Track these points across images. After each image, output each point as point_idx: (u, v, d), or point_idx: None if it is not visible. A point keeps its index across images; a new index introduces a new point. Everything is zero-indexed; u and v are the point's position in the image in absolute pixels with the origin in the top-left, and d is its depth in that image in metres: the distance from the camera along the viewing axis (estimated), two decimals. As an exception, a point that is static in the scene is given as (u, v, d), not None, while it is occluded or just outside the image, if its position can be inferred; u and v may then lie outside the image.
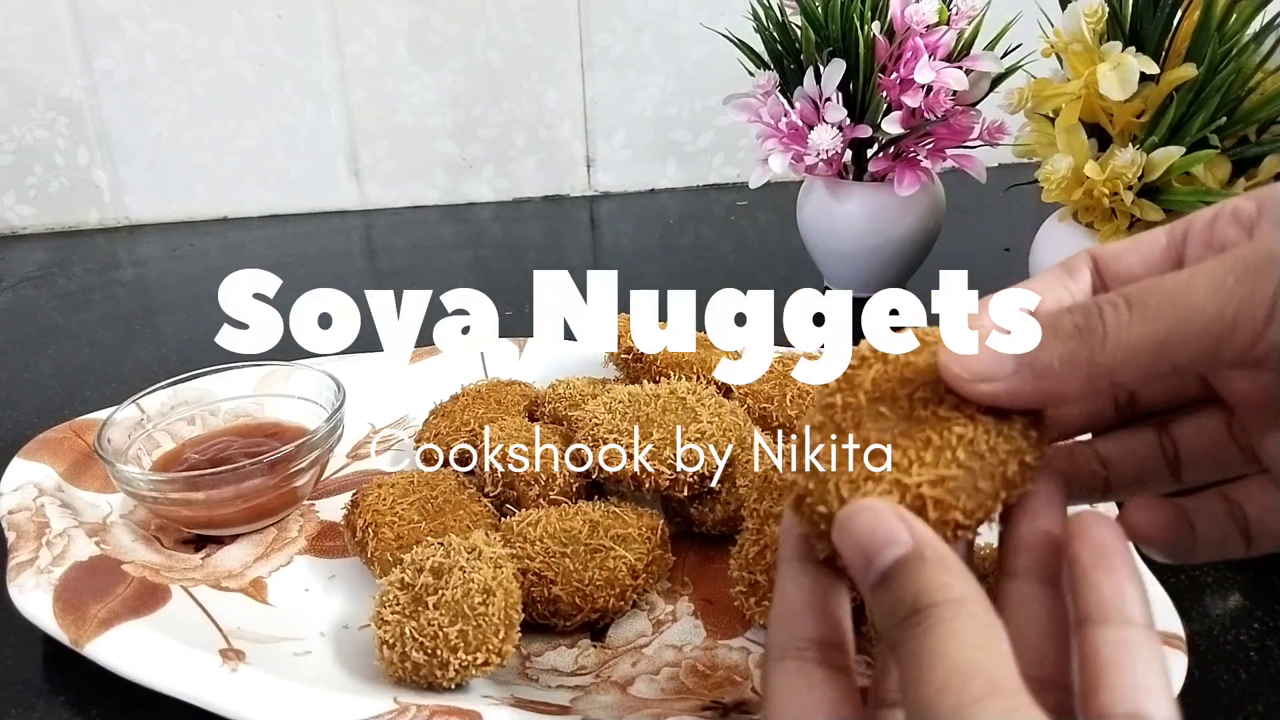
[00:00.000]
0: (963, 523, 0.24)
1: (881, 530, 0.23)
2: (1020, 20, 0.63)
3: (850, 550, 0.23)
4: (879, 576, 0.23)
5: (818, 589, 0.26)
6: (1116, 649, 0.23)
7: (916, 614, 0.22)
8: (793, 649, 0.25)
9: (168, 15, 0.90)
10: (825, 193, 0.69)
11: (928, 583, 0.22)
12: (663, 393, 0.45)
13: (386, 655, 0.35)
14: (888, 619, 0.22)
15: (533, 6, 0.94)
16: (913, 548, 0.23)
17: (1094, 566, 0.24)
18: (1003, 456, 0.24)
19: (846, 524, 0.24)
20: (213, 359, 0.55)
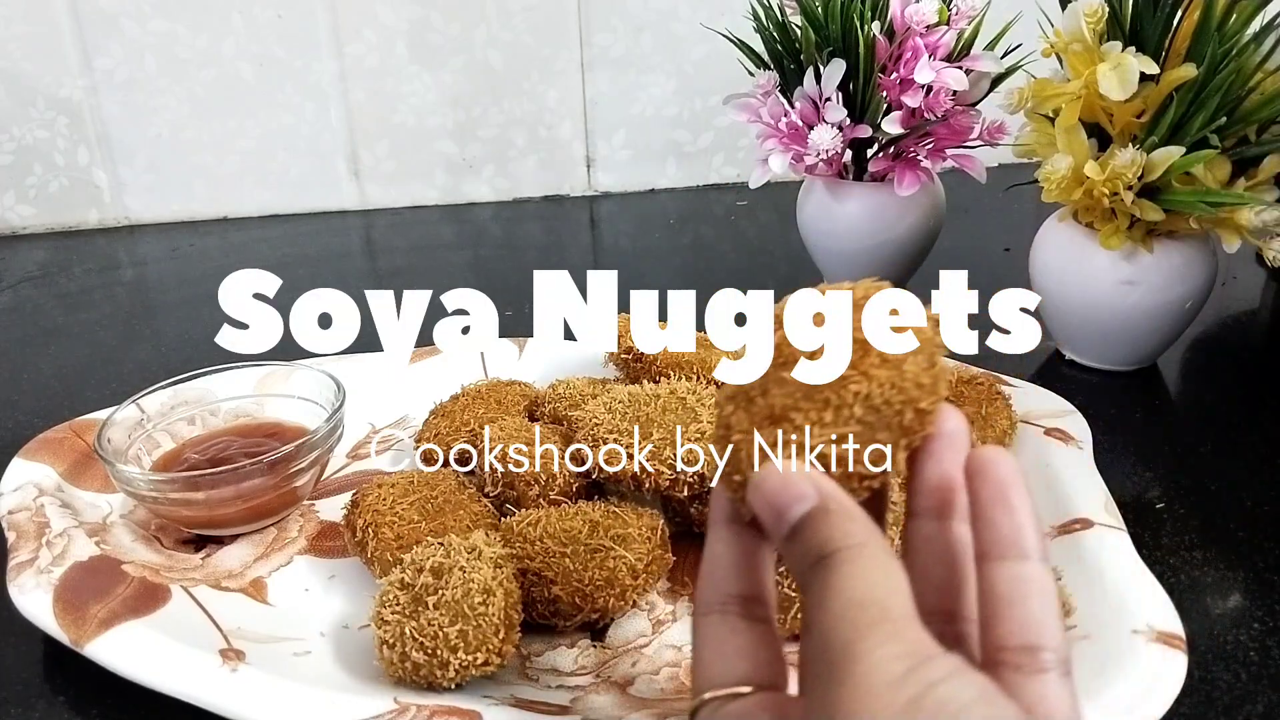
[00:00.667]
0: (866, 473, 0.26)
1: (790, 489, 0.25)
2: (1020, 20, 0.63)
3: (764, 509, 0.25)
4: (790, 530, 0.25)
5: (742, 548, 0.28)
6: (1012, 584, 0.25)
7: (822, 559, 0.23)
8: (717, 603, 0.27)
9: (168, 15, 0.90)
10: (825, 193, 0.69)
11: (832, 530, 0.24)
12: (663, 393, 0.45)
13: (386, 655, 0.35)
14: (798, 566, 0.24)
15: (533, 6, 0.94)
16: (818, 502, 0.25)
17: (992, 504, 0.25)
18: (898, 407, 0.26)
19: (759, 485, 0.26)
20: (213, 359, 0.55)
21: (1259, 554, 0.43)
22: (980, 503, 0.26)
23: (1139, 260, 0.55)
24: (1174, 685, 0.32)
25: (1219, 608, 0.40)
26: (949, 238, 0.73)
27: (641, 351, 0.50)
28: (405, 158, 0.99)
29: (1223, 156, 0.51)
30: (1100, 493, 0.42)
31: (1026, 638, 0.24)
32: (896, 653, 0.21)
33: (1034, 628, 0.24)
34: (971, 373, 0.52)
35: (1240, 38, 0.49)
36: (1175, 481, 0.49)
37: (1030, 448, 0.47)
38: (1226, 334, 0.67)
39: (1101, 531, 0.40)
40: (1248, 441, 0.53)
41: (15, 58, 0.89)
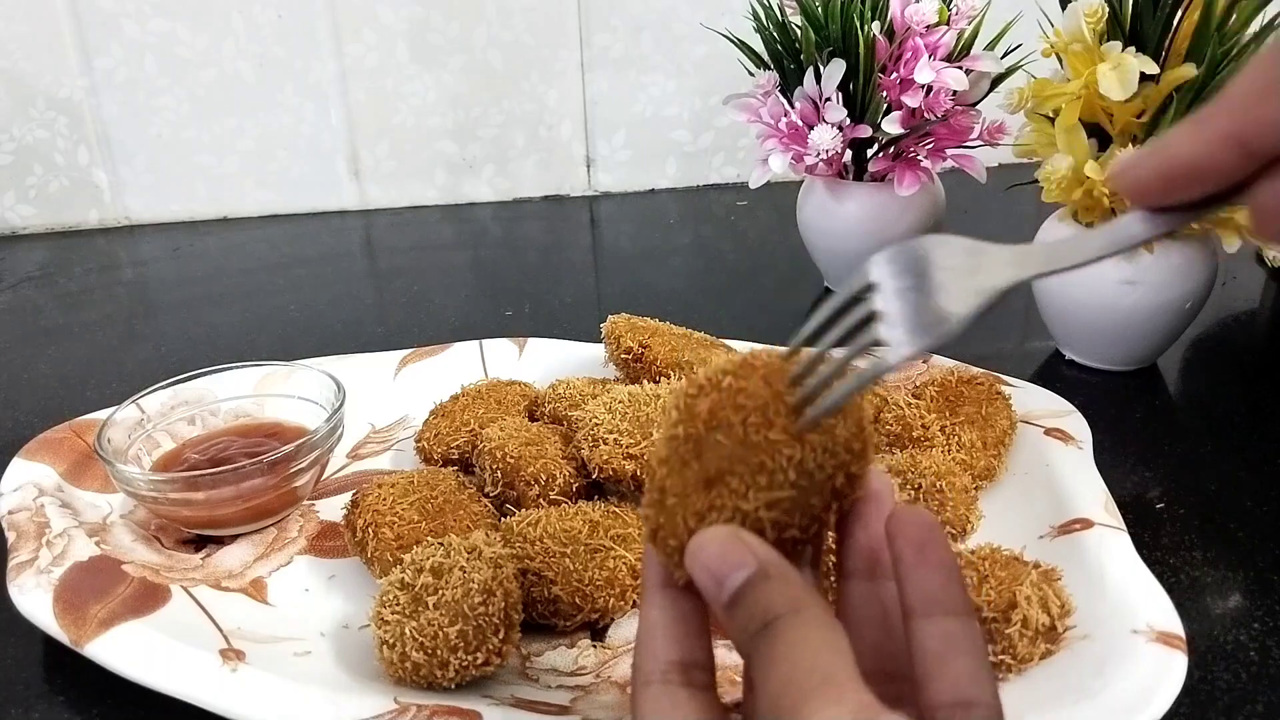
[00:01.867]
0: (800, 537, 0.26)
1: (729, 556, 0.25)
2: (1020, 20, 0.63)
3: (702, 576, 0.25)
4: (730, 597, 0.25)
5: (677, 613, 0.27)
6: (941, 641, 0.25)
7: (765, 627, 0.23)
8: (657, 672, 0.26)
9: (168, 15, 0.90)
10: (825, 193, 0.69)
11: (773, 597, 0.24)
12: (663, 393, 0.45)
13: (386, 655, 0.35)
14: (741, 634, 0.24)
15: (533, 6, 0.94)
16: (757, 569, 0.25)
17: (915, 563, 0.26)
18: (829, 471, 0.26)
19: (697, 553, 0.25)
20: (213, 359, 0.55)
21: (1259, 554, 0.43)
22: (902, 562, 0.26)
23: (1139, 260, 0.55)
24: (1174, 685, 0.32)
25: (1219, 608, 0.40)
26: (949, 238, 0.73)
27: (641, 351, 0.50)
28: (405, 158, 0.99)
29: (1223, 156, 0.51)
30: (1100, 493, 0.42)
31: (959, 693, 0.24)
32: (843, 712, 0.21)
33: (966, 682, 0.24)
34: (971, 373, 0.52)
35: (1240, 38, 0.49)
36: (1175, 481, 0.49)
37: (1030, 448, 0.47)
38: (1226, 334, 0.67)
39: (1101, 531, 0.40)
40: (1248, 441, 0.53)
41: (15, 58, 0.89)
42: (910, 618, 0.26)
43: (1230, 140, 0.23)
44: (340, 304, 0.77)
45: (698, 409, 0.27)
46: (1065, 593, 0.36)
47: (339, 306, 0.77)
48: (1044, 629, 0.35)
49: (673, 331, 0.53)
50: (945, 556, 0.26)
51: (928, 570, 0.26)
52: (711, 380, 0.28)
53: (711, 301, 0.75)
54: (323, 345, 0.68)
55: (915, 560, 0.26)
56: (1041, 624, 0.34)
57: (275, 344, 0.69)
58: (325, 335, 0.71)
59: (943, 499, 0.42)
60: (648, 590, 0.28)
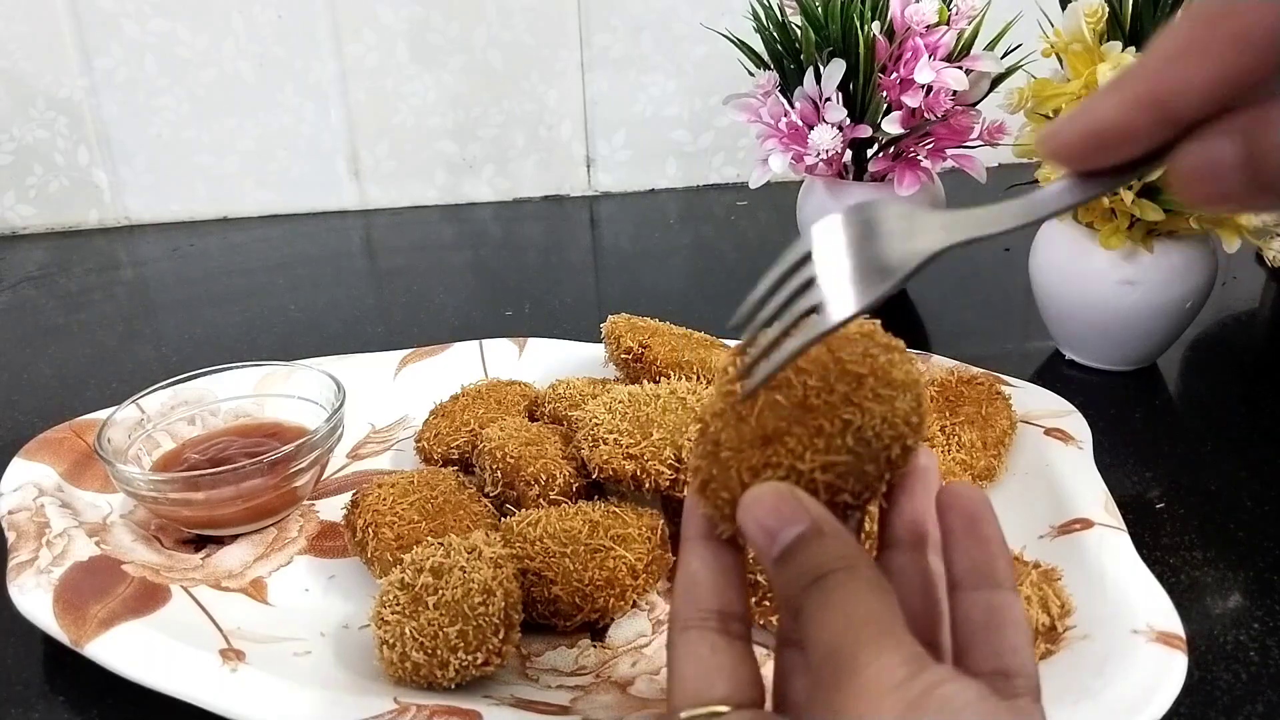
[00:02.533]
0: (852, 502, 0.27)
1: (783, 511, 0.25)
2: (1020, 20, 0.63)
3: (754, 529, 0.26)
4: (781, 551, 0.25)
5: (719, 565, 0.28)
6: (986, 612, 0.26)
7: (817, 581, 0.24)
8: (696, 619, 0.27)
9: (168, 15, 0.90)
10: (825, 193, 0.69)
11: (826, 553, 0.24)
12: (663, 393, 0.45)
13: (386, 655, 0.35)
14: (790, 587, 0.25)
15: (533, 6, 0.94)
16: (811, 525, 0.25)
17: (965, 535, 0.27)
18: (887, 442, 0.26)
19: (751, 505, 0.26)
20: (213, 359, 0.55)
21: (1259, 554, 0.43)
22: (953, 534, 0.27)
23: (1139, 260, 0.55)
24: (1174, 685, 0.32)
25: (1219, 608, 0.40)
26: (949, 238, 0.73)
27: (641, 351, 0.50)
28: (405, 158, 0.99)
29: (1223, 156, 0.51)
30: (1100, 493, 0.42)
31: (1000, 663, 0.25)
32: (898, 660, 0.22)
33: (1007, 654, 0.25)
34: (971, 373, 0.52)
35: (1240, 38, 0.49)
36: (1175, 481, 0.49)
37: (1030, 448, 0.47)
38: (1226, 334, 0.67)
39: (1101, 531, 0.40)
40: (1248, 441, 0.53)
41: (15, 58, 0.89)
42: (956, 589, 0.26)
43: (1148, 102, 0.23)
44: (340, 304, 0.77)
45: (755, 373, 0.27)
46: (1065, 593, 0.36)
47: (339, 306, 0.77)
48: (1044, 629, 0.35)
49: (673, 331, 0.53)
50: (994, 532, 0.27)
51: (977, 543, 0.26)
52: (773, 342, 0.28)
53: (711, 301, 0.75)
54: (323, 345, 0.68)
55: (965, 533, 0.27)
56: (1041, 624, 0.34)
57: (275, 344, 0.69)
58: (325, 335, 0.71)
59: (943, 499, 0.42)
60: (688, 542, 0.28)
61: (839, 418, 0.26)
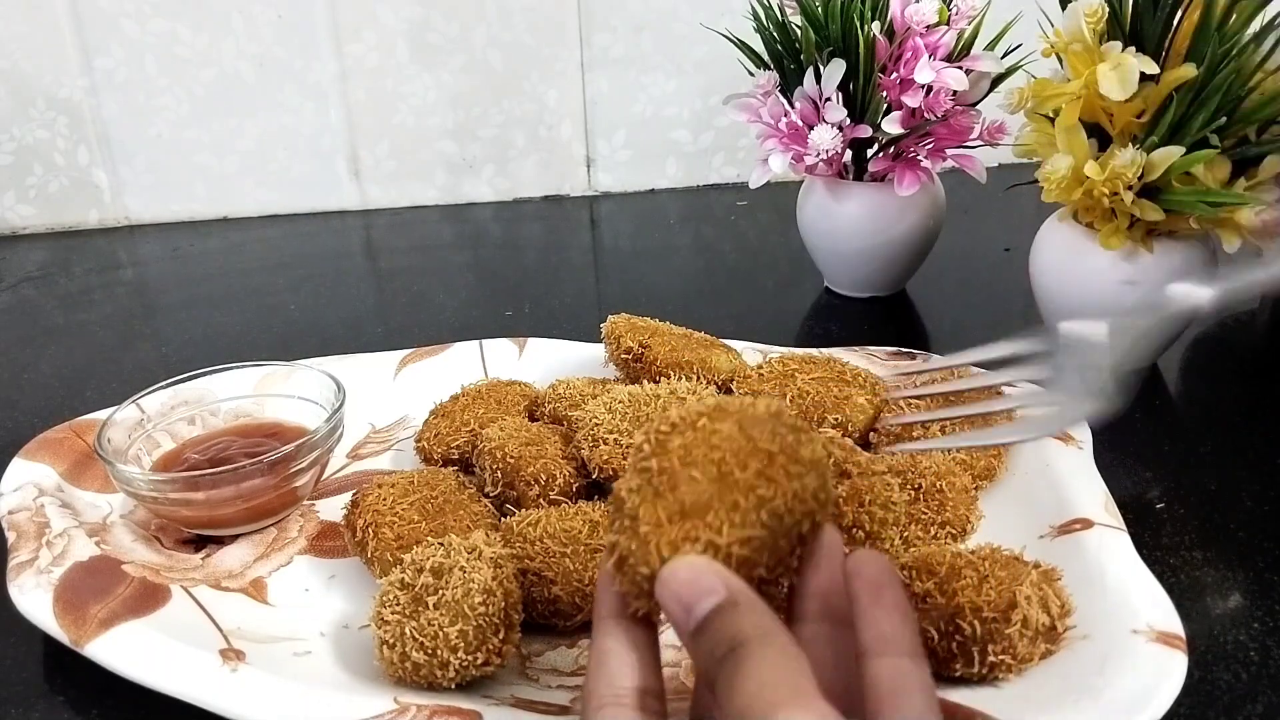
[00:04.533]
0: (766, 576, 0.28)
1: (701, 583, 0.26)
2: (1020, 20, 0.63)
3: (671, 602, 0.26)
4: (698, 624, 0.25)
5: (633, 642, 0.28)
6: (894, 678, 0.26)
7: (732, 650, 0.24)
8: (610, 696, 0.27)
9: (168, 15, 0.90)
10: (825, 193, 0.69)
11: (741, 623, 0.25)
12: (663, 393, 0.45)
13: (386, 655, 0.35)
14: (707, 659, 0.25)
15: (533, 6, 0.94)
16: (727, 596, 0.25)
17: (871, 603, 0.27)
18: (798, 517, 0.28)
19: (668, 579, 0.26)
20: (213, 359, 0.55)
21: (1259, 554, 0.43)
22: (859, 602, 0.27)
23: (1139, 260, 0.55)
24: (1174, 685, 0.32)
25: (1219, 608, 0.40)
26: (949, 238, 0.73)
27: (641, 351, 0.50)
28: (405, 158, 0.99)
29: (1223, 156, 0.51)
30: (1100, 493, 0.42)
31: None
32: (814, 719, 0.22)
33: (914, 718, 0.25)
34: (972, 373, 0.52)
35: (1240, 38, 0.49)
36: (1175, 481, 0.49)
37: (1030, 448, 0.47)
38: (1226, 334, 0.67)
39: (1101, 531, 0.40)
40: (1248, 441, 0.53)
41: (15, 58, 0.89)
42: (865, 656, 0.26)
43: None
44: (340, 304, 0.77)
45: (671, 445, 0.28)
46: (1065, 593, 0.36)
47: (339, 306, 0.77)
48: (1044, 629, 0.35)
49: (673, 331, 0.53)
50: (899, 599, 0.27)
51: (883, 611, 0.27)
52: (686, 419, 0.29)
53: (711, 301, 0.75)
54: (323, 345, 0.68)
55: (871, 601, 0.27)
56: (1041, 624, 0.34)
57: (275, 344, 0.69)
58: (325, 335, 0.71)
59: (943, 499, 0.42)
60: (601, 621, 0.28)
61: (754, 493, 0.27)
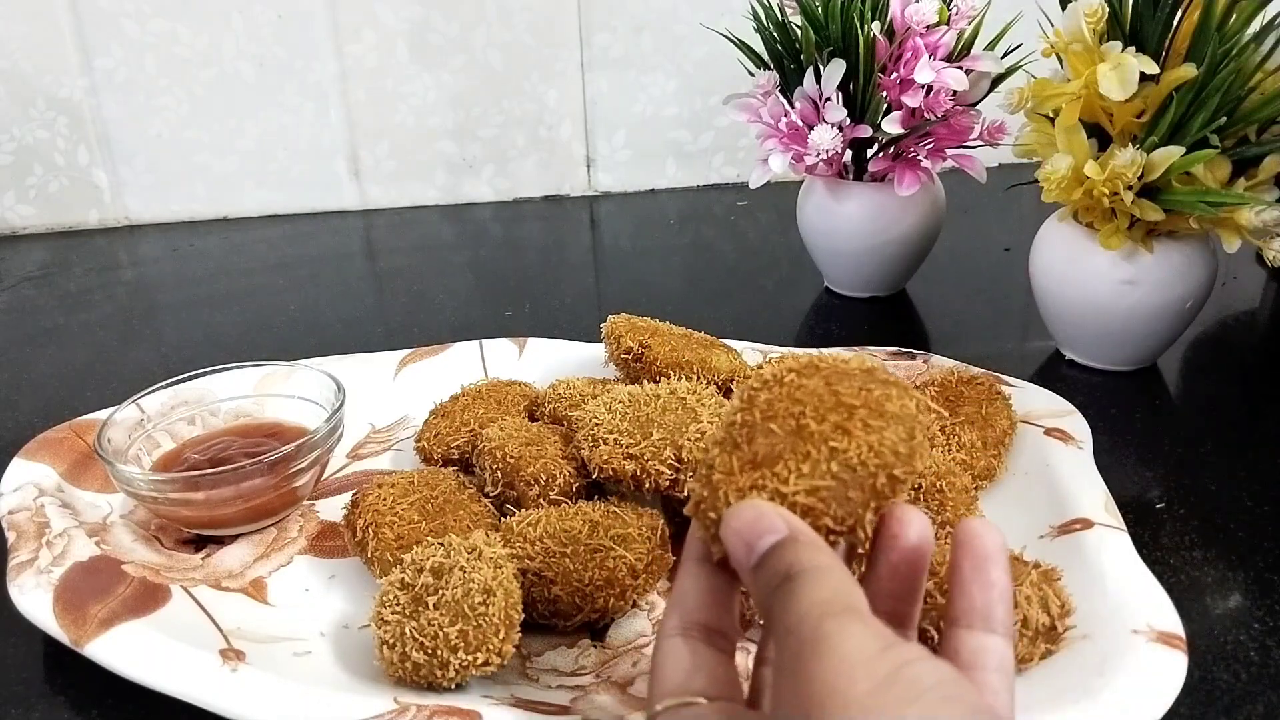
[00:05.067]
0: (833, 528, 0.27)
1: (762, 522, 0.26)
2: (1020, 20, 0.63)
3: (734, 541, 0.27)
4: (758, 559, 0.26)
5: (709, 585, 0.29)
6: (975, 652, 0.26)
7: (788, 579, 0.24)
8: (680, 628, 0.28)
9: (168, 15, 0.90)
10: (825, 193, 0.69)
11: (799, 554, 0.25)
12: (663, 393, 0.45)
13: (386, 655, 0.35)
14: (764, 592, 0.25)
15: (533, 6, 0.94)
16: (787, 534, 0.26)
17: (972, 576, 0.27)
18: (872, 470, 0.27)
19: (730, 519, 0.27)
20: (213, 359, 0.55)
21: (1259, 554, 0.43)
22: (959, 572, 0.27)
23: (1139, 260, 0.55)
24: (1174, 685, 0.32)
25: (1219, 608, 0.40)
26: (949, 238, 0.73)
27: (641, 351, 0.50)
28: (405, 158, 0.99)
29: (1223, 156, 0.51)
30: (1100, 493, 0.42)
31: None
32: (868, 635, 0.22)
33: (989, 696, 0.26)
34: (972, 373, 0.52)
35: (1240, 38, 0.49)
36: (1175, 481, 0.49)
37: (1030, 448, 0.47)
38: (1226, 334, 0.67)
39: (1101, 531, 0.40)
40: (1248, 441, 0.53)
41: (15, 58, 0.89)
42: (950, 625, 0.27)
43: None
44: (340, 304, 0.77)
45: (758, 400, 0.29)
46: (1065, 593, 0.36)
47: (339, 306, 0.77)
48: (1044, 629, 0.35)
49: (673, 331, 0.53)
50: (1000, 578, 0.27)
51: (981, 587, 0.27)
52: (775, 376, 0.29)
53: (711, 301, 0.75)
54: (323, 345, 0.68)
55: (972, 574, 0.27)
56: (1041, 624, 0.34)
57: (275, 344, 0.69)
58: (325, 335, 0.71)
59: (943, 499, 0.42)
60: (684, 563, 0.29)
61: (826, 445, 0.27)
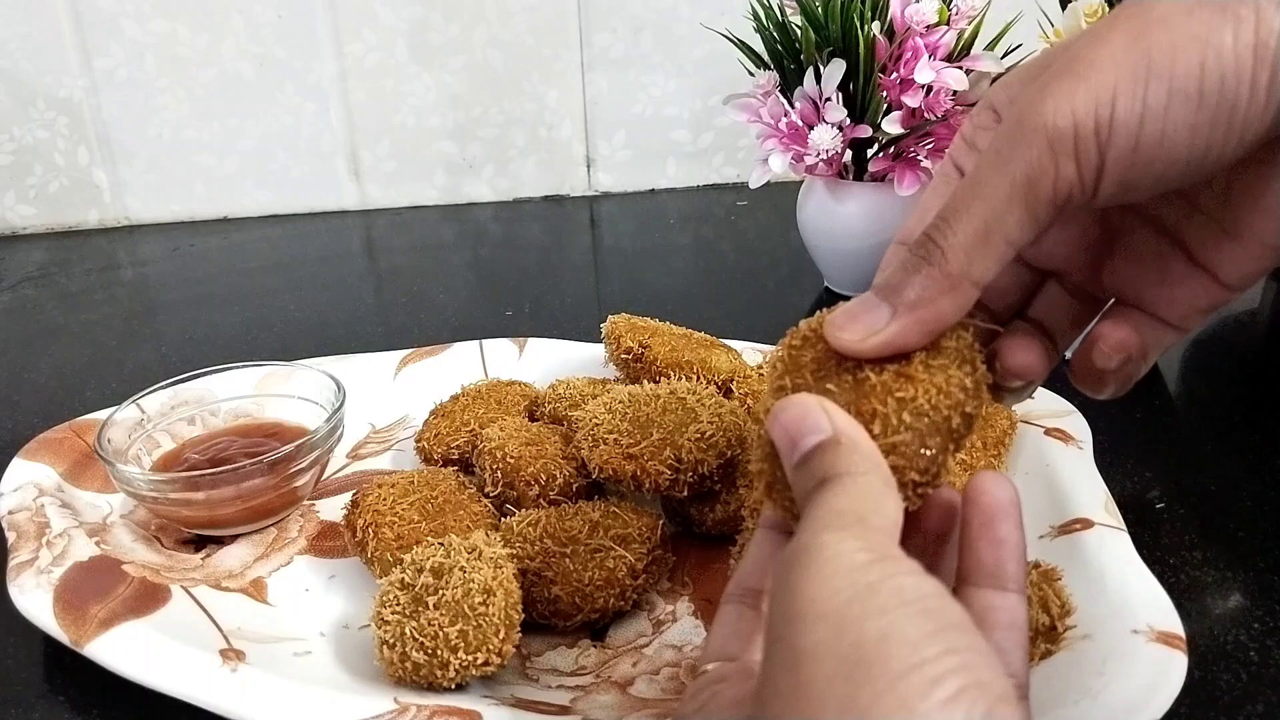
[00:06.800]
0: (919, 480, 0.26)
1: (808, 420, 0.25)
2: (1020, 20, 0.63)
3: (780, 436, 0.26)
4: (801, 457, 0.25)
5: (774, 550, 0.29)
6: (984, 610, 0.25)
7: (822, 483, 0.24)
8: (737, 595, 0.28)
9: (168, 15, 0.90)
10: (825, 193, 0.69)
11: (838, 459, 0.24)
12: (663, 393, 0.45)
13: (386, 655, 0.35)
14: (800, 495, 0.25)
15: (533, 6, 0.94)
16: (831, 435, 0.25)
17: (980, 533, 0.26)
18: (945, 412, 0.26)
19: (778, 414, 0.26)
20: (213, 359, 0.55)
21: (1259, 554, 0.43)
22: (969, 528, 0.26)
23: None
24: (1174, 685, 0.32)
25: (1219, 608, 0.40)
26: (949, 238, 0.73)
27: (641, 351, 0.50)
28: (405, 158, 0.99)
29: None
30: (1100, 493, 0.42)
31: None
32: (860, 545, 0.21)
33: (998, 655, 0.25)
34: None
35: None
36: (1175, 481, 0.49)
37: (1030, 448, 0.47)
38: (1226, 334, 0.67)
39: (1101, 531, 0.40)
40: (1248, 441, 0.53)
41: (15, 58, 0.89)
42: (961, 582, 0.26)
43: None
44: (340, 304, 0.77)
45: (802, 360, 0.28)
46: (1065, 593, 0.36)
47: (339, 306, 0.77)
48: (1044, 629, 0.35)
49: (673, 331, 0.53)
50: (1011, 533, 0.26)
51: (989, 544, 0.26)
52: (815, 332, 0.28)
53: (711, 301, 0.75)
54: (323, 345, 0.68)
55: (981, 530, 0.26)
56: (1041, 624, 0.34)
57: (275, 344, 0.69)
58: (325, 335, 0.71)
59: (943, 499, 0.42)
60: (759, 529, 0.29)
61: (892, 396, 0.26)
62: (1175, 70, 0.23)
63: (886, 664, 0.19)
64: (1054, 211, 0.25)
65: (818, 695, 0.19)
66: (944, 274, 0.26)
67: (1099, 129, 0.24)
